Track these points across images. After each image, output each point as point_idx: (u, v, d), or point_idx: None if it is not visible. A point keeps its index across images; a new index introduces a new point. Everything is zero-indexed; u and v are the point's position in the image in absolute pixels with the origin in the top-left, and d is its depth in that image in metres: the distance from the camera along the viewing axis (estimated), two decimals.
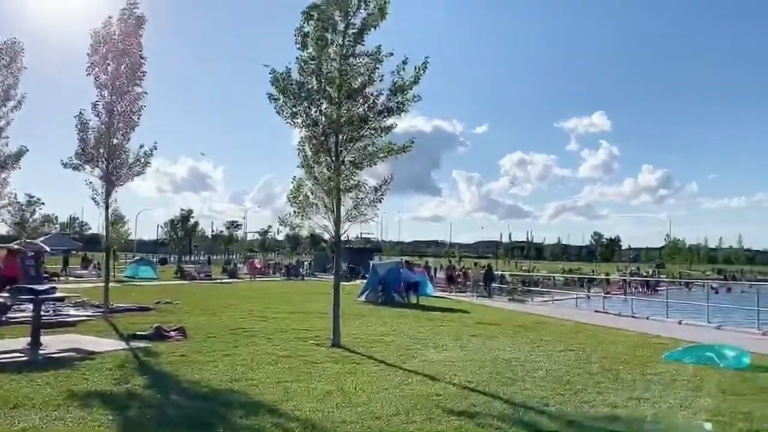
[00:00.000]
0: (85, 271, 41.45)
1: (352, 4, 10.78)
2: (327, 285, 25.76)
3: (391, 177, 11.61)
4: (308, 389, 7.40)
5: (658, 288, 38.20)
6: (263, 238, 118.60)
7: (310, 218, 11.63)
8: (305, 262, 55.92)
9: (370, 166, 11.44)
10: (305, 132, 11.32)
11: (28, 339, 9.97)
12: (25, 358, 9.04)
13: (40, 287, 11.39)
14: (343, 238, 12.13)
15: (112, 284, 17.55)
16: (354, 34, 10.86)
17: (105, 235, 18.29)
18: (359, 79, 10.92)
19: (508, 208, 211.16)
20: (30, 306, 10.91)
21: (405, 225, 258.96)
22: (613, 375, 8.91)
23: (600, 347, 11.88)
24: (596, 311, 22.61)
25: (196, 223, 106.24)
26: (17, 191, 26.58)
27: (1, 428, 5.56)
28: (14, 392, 6.82)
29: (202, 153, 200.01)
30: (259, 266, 50.60)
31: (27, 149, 17.62)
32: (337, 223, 11.32)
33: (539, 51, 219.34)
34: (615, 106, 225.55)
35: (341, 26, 10.86)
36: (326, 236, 12.23)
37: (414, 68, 10.81)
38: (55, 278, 29.99)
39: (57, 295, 11.85)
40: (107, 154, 14.67)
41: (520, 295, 30.38)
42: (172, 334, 11.68)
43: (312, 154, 11.34)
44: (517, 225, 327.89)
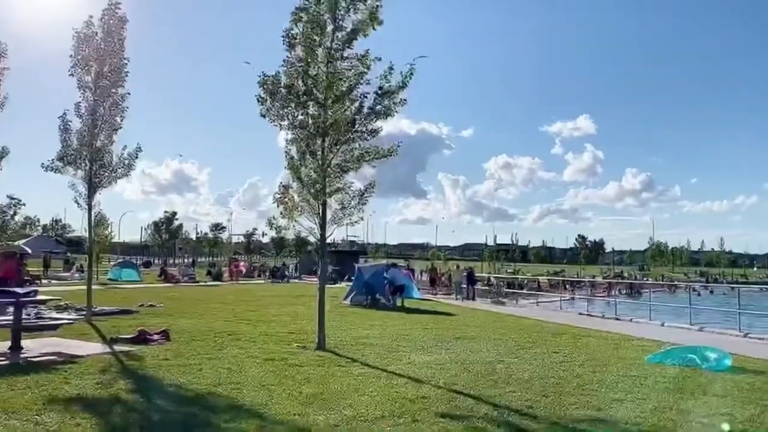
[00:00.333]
0: (67, 274, 41.05)
1: (341, 6, 10.76)
2: (312, 288, 25.71)
3: (374, 181, 11.65)
4: (293, 392, 7.37)
5: (642, 290, 38.52)
6: (248, 241, 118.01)
7: (296, 220, 11.62)
8: (290, 265, 55.74)
9: (356, 169, 11.45)
10: (292, 134, 11.31)
11: (9, 343, 9.85)
12: (5, 362, 8.92)
13: (22, 290, 11.25)
14: (329, 241, 12.13)
15: (94, 287, 17.37)
16: (343, 37, 10.84)
17: (88, 237, 18.08)
18: (347, 82, 10.92)
19: (493, 211, 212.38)
20: (11, 309, 10.76)
21: (391, 227, 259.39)
22: (596, 377, 8.96)
23: (584, 349, 11.95)
24: (580, 313, 22.74)
25: (180, 225, 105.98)
26: None
27: None
28: None
29: (179, 155, 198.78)
30: (243, 269, 50.43)
31: (9, 151, 17.40)
32: (323, 226, 11.30)
33: (525, 55, 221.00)
34: (600, 110, 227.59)
35: (329, 28, 10.84)
36: (312, 239, 12.22)
37: (401, 73, 10.81)
38: (37, 281, 29.66)
39: (38, 298, 11.72)
40: (90, 156, 14.52)
41: (503, 298, 30.50)
42: (155, 337, 11.58)
43: (299, 156, 11.32)
44: (503, 228, 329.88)
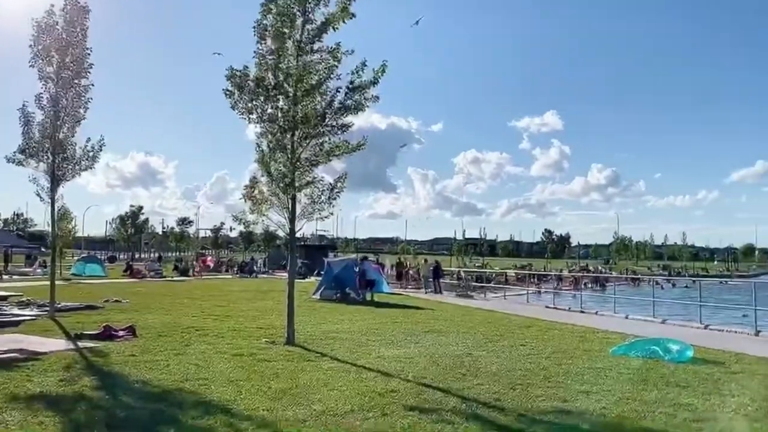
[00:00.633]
0: (29, 269, 40.12)
1: None
2: (281, 282, 25.57)
3: (345, 174, 11.63)
4: (261, 388, 7.34)
5: (607, 284, 39.22)
6: (216, 235, 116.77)
7: (265, 215, 11.54)
8: (259, 260, 55.31)
9: (326, 163, 11.41)
10: (261, 128, 11.21)
11: None
12: None
13: None
14: (298, 235, 12.07)
15: (58, 282, 17.02)
16: (313, 29, 10.77)
17: (51, 231, 17.68)
18: (317, 75, 10.85)
19: (462, 205, 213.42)
20: None
21: (361, 222, 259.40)
22: (562, 369, 9.11)
23: (550, 342, 12.13)
24: (547, 307, 23.03)
25: (146, 219, 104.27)
26: None
27: None
28: None
29: (147, 152, 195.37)
30: (210, 263, 49.91)
31: None
32: (292, 220, 11.25)
33: (494, 51, 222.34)
34: (566, 106, 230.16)
35: (299, 21, 10.75)
36: (281, 233, 12.13)
37: (373, 69, 10.78)
38: None
39: None
40: (52, 149, 14.19)
41: (471, 291, 30.78)
42: (121, 333, 11.41)
43: (268, 150, 11.24)
44: (471, 222, 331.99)
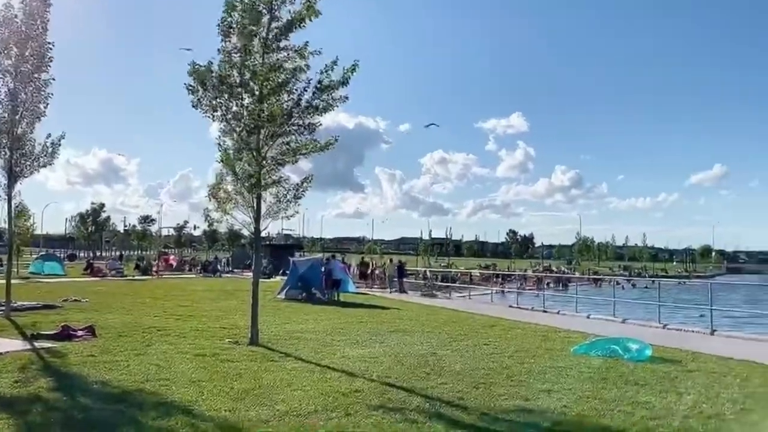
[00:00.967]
0: None
1: None
2: (245, 282, 25.35)
3: (311, 175, 11.58)
4: (224, 388, 7.27)
5: (569, 284, 39.81)
6: (179, 234, 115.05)
7: (229, 213, 11.42)
8: (223, 259, 54.70)
9: (293, 162, 11.34)
10: (225, 126, 11.08)
11: None
12: None
13: None
14: (263, 234, 11.97)
15: (14, 281, 16.58)
16: (279, 27, 10.69)
17: (8, 229, 17.20)
18: (283, 73, 10.77)
19: (429, 206, 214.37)
20: None
21: (327, 221, 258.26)
22: (525, 368, 9.23)
23: (513, 341, 12.28)
24: (510, 306, 23.28)
25: (108, 217, 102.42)
26: None
27: None
28: None
29: (120, 154, 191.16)
30: (173, 262, 49.20)
31: None
32: (257, 219, 11.16)
33: (461, 52, 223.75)
34: (532, 108, 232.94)
35: (265, 18, 10.66)
36: (246, 232, 12.03)
37: (343, 69, 10.74)
38: None
39: None
40: (10, 144, 13.82)
41: (436, 290, 30.98)
42: (80, 333, 11.18)
43: (233, 148, 11.12)
44: (438, 222, 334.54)
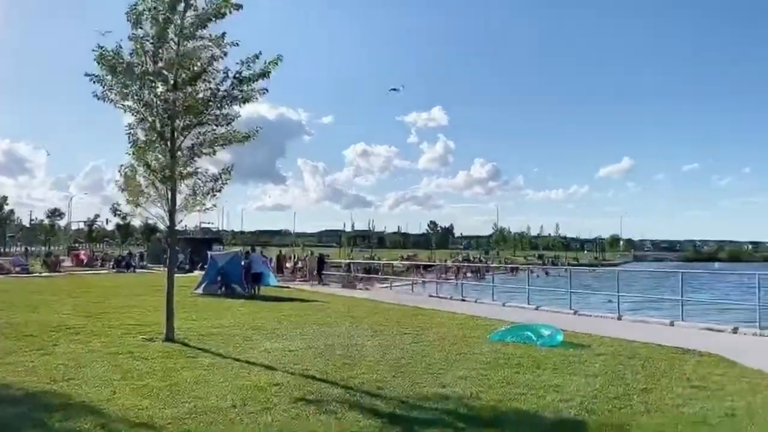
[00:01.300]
0: None
1: None
2: (161, 277, 24.50)
3: (232, 165, 11.32)
4: (137, 387, 7.05)
5: (486, 273, 40.88)
6: (90, 228, 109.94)
7: (142, 207, 11.02)
8: (137, 254, 52.78)
9: (210, 154, 11.06)
10: (137, 115, 10.66)
11: None
12: None
13: None
14: (180, 228, 11.64)
15: None
16: (195, 16, 10.36)
17: None
18: (199, 63, 10.47)
19: (352, 198, 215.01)
20: None
21: (248, 214, 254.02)
22: (442, 356, 9.44)
23: (432, 330, 12.51)
24: (431, 296, 23.71)
25: (11, 211, 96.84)
26: None
27: None
28: None
29: (47, 152, 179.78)
30: (84, 258, 47.10)
31: None
32: (172, 213, 10.83)
33: (383, 45, 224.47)
34: (451, 102, 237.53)
35: (180, 6, 10.31)
36: (161, 226, 11.64)
37: (264, 62, 10.54)
38: None
39: None
40: None
41: (358, 282, 31.16)
42: None
43: (145, 138, 10.71)
44: (360, 214, 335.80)
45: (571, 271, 24.28)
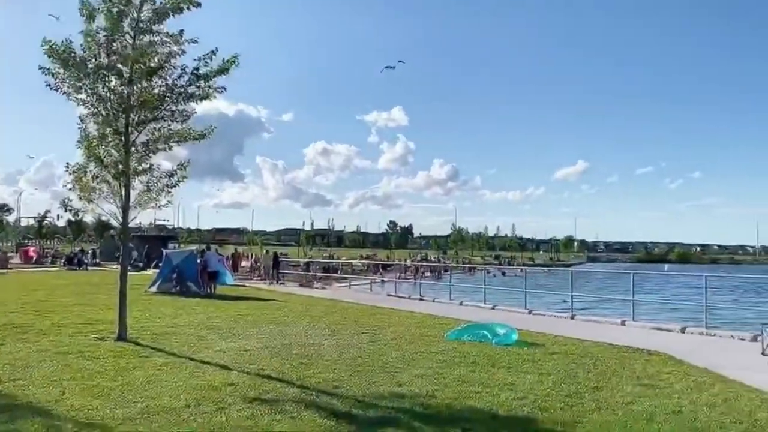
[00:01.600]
0: None
1: None
2: (113, 275, 23.92)
3: (187, 161, 11.14)
4: (87, 387, 6.88)
5: (444, 273, 41.25)
6: (40, 224, 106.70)
7: (94, 203, 10.75)
8: (90, 251, 51.42)
9: (166, 149, 10.87)
10: (90, 109, 10.40)
11: None
12: None
13: None
14: (134, 225, 11.41)
15: None
16: (152, 10, 10.15)
17: None
18: (156, 58, 10.27)
19: (311, 196, 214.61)
20: None
21: (205, 212, 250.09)
22: (399, 354, 9.48)
23: (390, 329, 12.55)
24: (389, 295, 23.81)
25: None
26: None
27: None
28: None
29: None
30: (33, 255, 45.73)
31: None
32: (125, 209, 10.60)
33: (344, 43, 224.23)
34: (412, 103, 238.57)
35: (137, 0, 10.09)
36: (114, 222, 11.38)
37: (223, 59, 10.38)
38: None
39: None
40: None
41: (316, 281, 31.06)
42: None
43: (97, 133, 10.46)
44: (320, 213, 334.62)
45: (526, 271, 24.62)
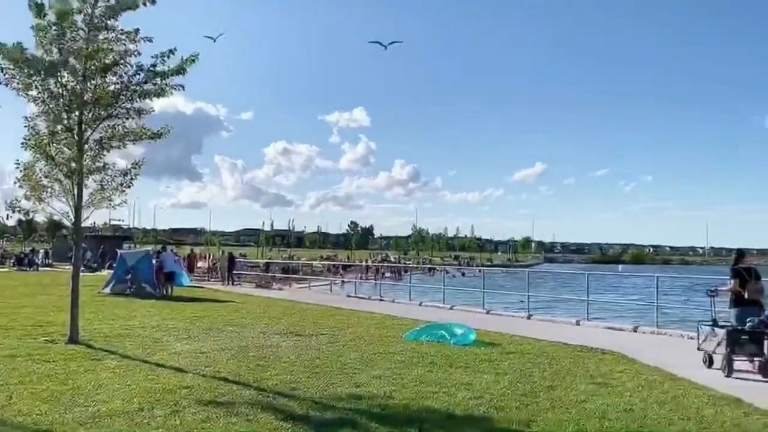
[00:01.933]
0: None
1: None
2: (66, 275, 23.35)
3: (142, 160, 10.94)
4: (36, 391, 6.69)
5: (404, 273, 41.41)
6: None
7: (44, 202, 10.46)
8: (42, 251, 49.99)
9: (120, 147, 10.64)
10: (41, 106, 10.11)
11: None
12: None
13: None
14: (88, 225, 11.14)
15: None
16: (103, 8, 9.93)
17: None
18: (110, 54, 10.05)
19: (271, 197, 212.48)
20: None
21: (161, 211, 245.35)
22: (358, 355, 9.48)
23: (349, 330, 12.55)
24: (349, 296, 23.80)
25: None
26: None
27: None
28: None
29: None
30: None
31: None
32: (78, 209, 10.34)
33: (306, 44, 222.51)
34: (373, 104, 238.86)
35: None
36: (67, 222, 11.10)
37: (181, 58, 10.21)
38: None
39: None
40: None
41: (274, 282, 30.85)
42: None
43: (47, 130, 10.17)
44: (280, 213, 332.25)
45: (484, 271, 24.93)
